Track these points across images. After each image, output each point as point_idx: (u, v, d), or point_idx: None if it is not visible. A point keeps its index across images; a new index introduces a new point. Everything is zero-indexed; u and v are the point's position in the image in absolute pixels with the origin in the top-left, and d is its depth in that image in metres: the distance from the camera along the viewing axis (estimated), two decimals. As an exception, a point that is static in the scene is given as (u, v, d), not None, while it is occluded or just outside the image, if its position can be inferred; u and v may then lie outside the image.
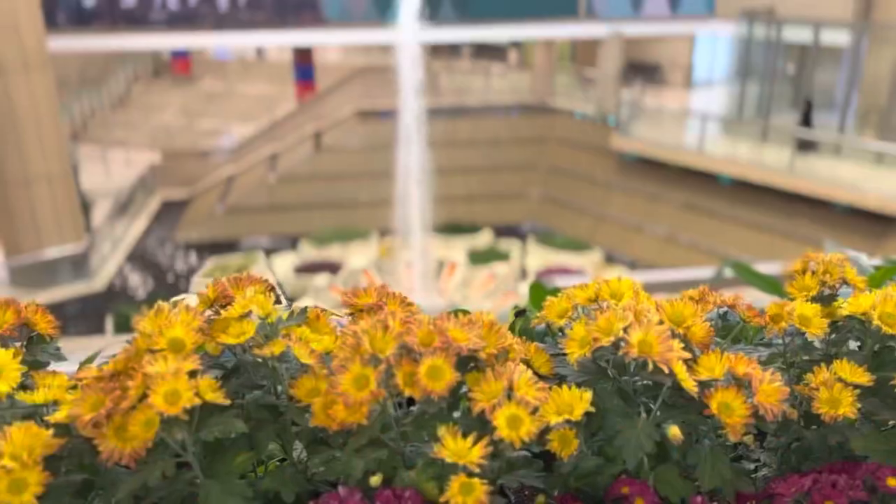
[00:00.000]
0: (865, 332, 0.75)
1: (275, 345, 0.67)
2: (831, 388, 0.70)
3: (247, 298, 0.70)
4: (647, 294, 0.76)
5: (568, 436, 0.66)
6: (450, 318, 0.69)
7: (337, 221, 17.28)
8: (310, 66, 21.99)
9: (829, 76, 17.46)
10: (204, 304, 0.74)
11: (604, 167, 17.55)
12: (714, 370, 0.68)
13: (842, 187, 13.55)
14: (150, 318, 0.68)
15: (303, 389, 0.66)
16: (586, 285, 0.77)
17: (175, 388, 0.61)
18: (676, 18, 18.38)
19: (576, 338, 0.70)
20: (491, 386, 0.65)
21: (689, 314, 0.73)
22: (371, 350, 0.64)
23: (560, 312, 0.78)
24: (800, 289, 0.81)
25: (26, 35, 12.80)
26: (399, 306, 0.75)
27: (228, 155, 20.24)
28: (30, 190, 13.44)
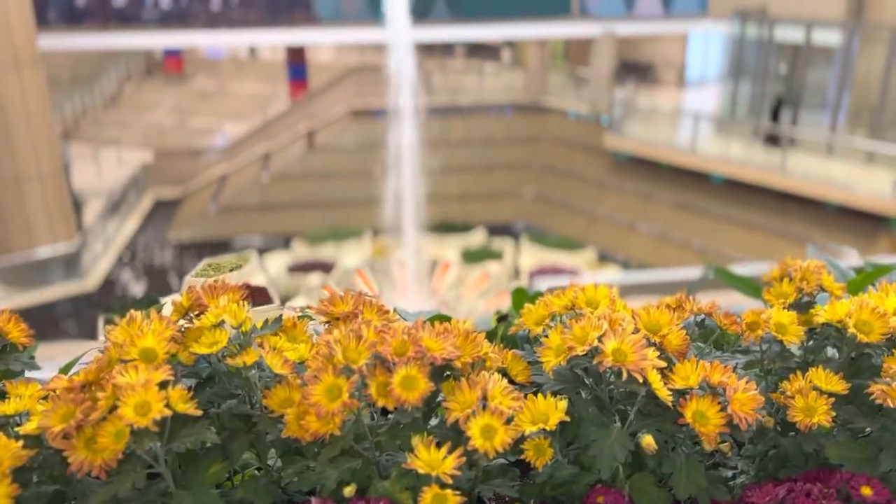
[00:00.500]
0: (842, 340, 0.75)
1: (247, 354, 0.67)
2: (807, 397, 0.70)
3: (220, 307, 0.69)
4: (624, 301, 0.75)
5: (543, 445, 0.66)
6: (425, 327, 0.69)
7: (330, 221, 17.25)
8: (303, 64, 21.93)
9: (822, 75, 17.53)
10: (178, 313, 0.73)
11: (597, 166, 17.57)
12: (689, 379, 0.68)
13: (833, 186, 13.61)
14: (121, 327, 0.67)
15: (276, 400, 0.66)
16: (563, 292, 0.77)
17: (145, 400, 0.60)
18: (669, 18, 18.41)
19: (552, 346, 0.70)
20: (465, 395, 0.65)
21: (665, 322, 0.73)
22: (344, 360, 0.63)
23: (537, 319, 0.78)
24: (777, 296, 0.81)
25: (17, 33, 12.72)
26: (375, 314, 0.75)
27: (221, 154, 20.18)
28: (21, 189, 13.37)
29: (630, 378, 0.66)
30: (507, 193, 18.21)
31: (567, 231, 16.90)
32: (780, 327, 0.74)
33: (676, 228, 15.82)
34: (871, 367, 0.77)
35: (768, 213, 14.88)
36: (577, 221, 17.09)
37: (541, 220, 17.71)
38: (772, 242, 14.55)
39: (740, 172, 14.80)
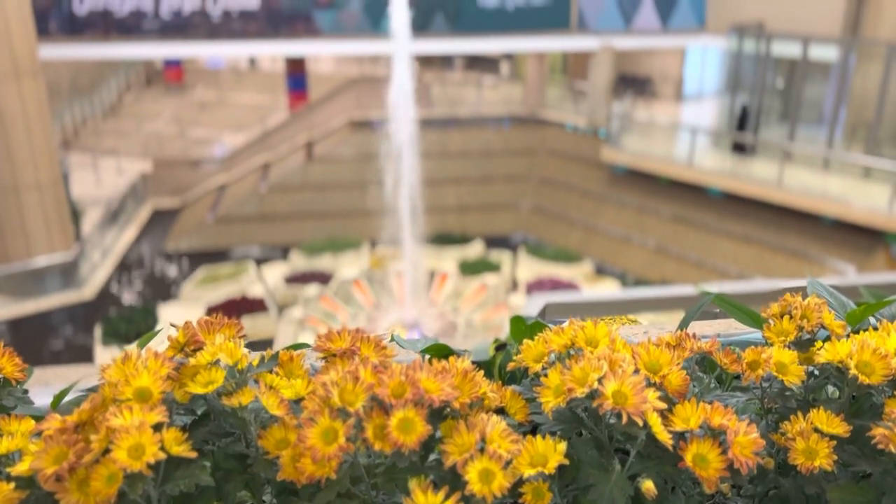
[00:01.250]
0: (843, 380, 0.74)
1: (243, 394, 0.66)
2: (808, 439, 0.69)
3: (216, 346, 0.69)
4: (623, 340, 0.75)
5: (542, 488, 0.65)
6: (423, 367, 0.68)
7: (328, 231, 17.25)
8: (302, 76, 21.99)
9: (818, 90, 17.63)
10: (174, 349, 0.73)
11: (594, 179, 17.61)
12: (689, 421, 0.68)
13: (830, 201, 13.65)
14: (117, 365, 0.66)
15: (271, 440, 0.65)
16: (562, 330, 0.76)
17: (139, 442, 0.60)
18: (667, 33, 18.52)
19: (551, 386, 0.70)
20: (463, 438, 0.64)
21: (665, 362, 0.72)
22: (340, 403, 0.63)
23: (537, 356, 0.77)
24: (777, 333, 0.80)
25: (17, 43, 12.74)
26: (373, 350, 0.74)
27: (220, 164, 20.20)
28: (19, 198, 13.35)
29: (630, 421, 0.65)
30: (505, 205, 18.24)
31: (564, 243, 16.90)
32: (780, 367, 0.74)
33: (673, 241, 15.83)
34: (873, 406, 0.76)
35: (765, 227, 14.91)
36: (575, 234, 17.11)
37: (538, 233, 17.73)
38: (768, 256, 14.57)
39: (737, 186, 14.84)
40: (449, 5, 17.33)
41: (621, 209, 16.85)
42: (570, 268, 15.28)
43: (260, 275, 15.24)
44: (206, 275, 14.72)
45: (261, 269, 15.52)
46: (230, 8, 16.56)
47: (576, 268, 15.36)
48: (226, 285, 14.22)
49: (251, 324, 12.99)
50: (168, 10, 16.37)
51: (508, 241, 17.51)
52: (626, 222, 16.64)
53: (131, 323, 12.45)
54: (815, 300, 0.81)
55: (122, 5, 16.19)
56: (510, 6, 17.52)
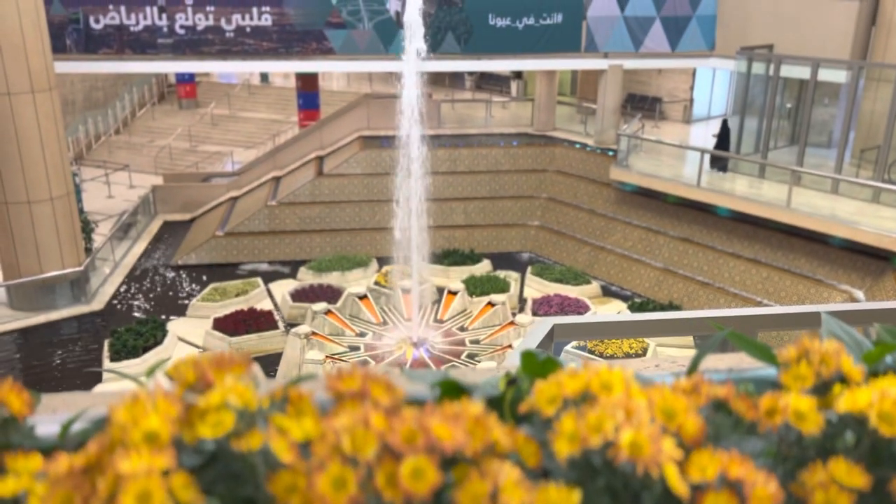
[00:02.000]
0: (863, 430, 0.73)
1: (252, 437, 0.65)
2: (828, 490, 0.68)
3: (226, 388, 0.68)
4: (638, 385, 0.74)
5: (555, 538, 0.64)
6: (434, 412, 0.67)
7: (337, 247, 17.28)
8: (314, 92, 22.17)
9: (827, 112, 17.62)
10: (182, 388, 0.72)
11: (603, 198, 17.61)
12: (706, 470, 0.66)
13: (839, 223, 13.58)
14: (126, 407, 0.66)
15: (280, 485, 0.64)
16: (577, 374, 0.75)
17: (147, 489, 0.59)
18: (677, 55, 18.58)
19: (565, 433, 0.68)
20: (475, 487, 0.63)
21: (680, 409, 0.71)
22: (351, 451, 0.62)
23: (550, 399, 0.76)
24: (795, 378, 0.79)
25: (33, 59, 12.90)
26: (384, 392, 0.73)
27: (230, 179, 20.32)
28: (32, 211, 13.46)
29: (646, 471, 0.64)
30: (513, 223, 18.25)
31: (572, 262, 16.87)
32: (798, 415, 0.72)
33: (681, 262, 15.78)
34: (893, 456, 0.74)
35: (773, 249, 14.84)
36: (582, 252, 17.08)
37: (546, 251, 17.71)
38: (776, 278, 14.49)
39: (746, 207, 14.81)
40: (460, 26, 17.46)
41: (629, 229, 16.82)
42: (577, 287, 15.23)
43: (268, 290, 15.26)
44: (214, 290, 14.76)
45: (269, 284, 15.54)
46: (243, 25, 16.74)
47: (583, 287, 15.31)
48: (234, 300, 14.25)
49: (258, 339, 13.00)
50: (182, 27, 16.56)
51: (516, 259, 17.49)
52: (633, 242, 16.61)
53: (140, 337, 12.46)
54: (834, 345, 0.80)
55: (138, 22, 16.39)
56: (521, 27, 17.64)
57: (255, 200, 18.48)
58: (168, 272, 16.46)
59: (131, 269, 16.22)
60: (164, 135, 25.99)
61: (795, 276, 14.31)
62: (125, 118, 27.34)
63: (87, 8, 16.13)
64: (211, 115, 27.02)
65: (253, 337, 12.96)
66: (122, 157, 24.52)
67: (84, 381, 11.92)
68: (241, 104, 27.90)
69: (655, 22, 17.93)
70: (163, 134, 26.18)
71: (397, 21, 16.58)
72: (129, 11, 16.27)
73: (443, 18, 17.15)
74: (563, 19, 17.72)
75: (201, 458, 0.71)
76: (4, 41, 12.51)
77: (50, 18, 14.15)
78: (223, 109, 27.44)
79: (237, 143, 25.12)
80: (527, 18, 17.55)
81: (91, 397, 1.26)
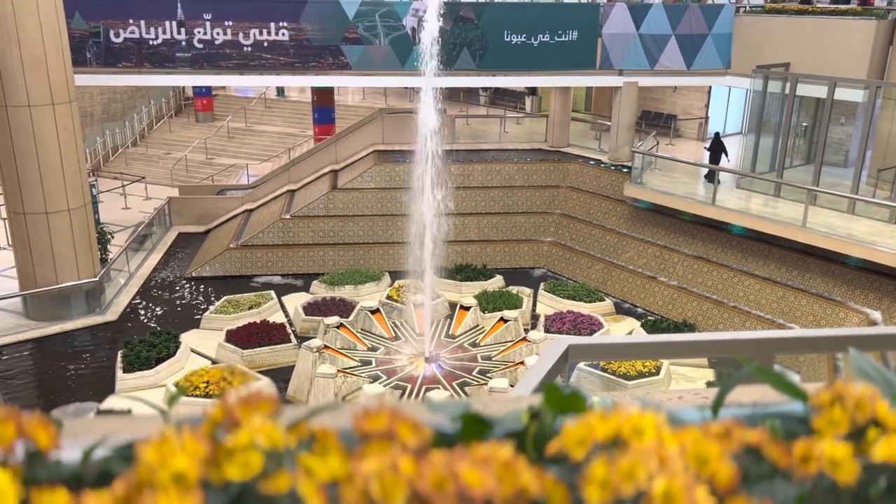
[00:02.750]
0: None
1: (280, 479, 0.65)
2: (864, 543, 0.66)
3: (254, 427, 0.68)
4: (669, 429, 0.72)
5: (585, 589, 0.63)
6: (463, 456, 0.66)
7: (349, 260, 17.32)
8: (329, 107, 22.33)
9: (843, 131, 17.52)
10: (209, 426, 0.72)
11: (616, 215, 17.56)
12: (740, 521, 0.65)
13: (855, 243, 13.46)
14: (154, 446, 0.65)
15: (308, 529, 0.64)
16: (607, 417, 0.74)
17: (175, 532, 0.58)
18: (692, 73, 18.56)
19: (595, 479, 0.67)
20: (505, 535, 0.62)
21: (713, 455, 0.70)
22: (380, 497, 0.61)
23: (579, 441, 0.75)
24: (828, 423, 0.77)
25: (54, 73, 13.09)
26: (411, 432, 0.72)
27: (245, 192, 20.46)
28: (49, 222, 13.60)
29: (679, 521, 0.63)
30: (526, 239, 18.22)
31: (585, 278, 16.80)
32: (834, 463, 0.71)
33: (695, 280, 15.67)
34: (930, 505, 0.73)
35: (789, 268, 14.71)
36: (596, 269, 17.01)
37: (559, 267, 17.65)
38: (791, 297, 14.35)
39: (761, 225, 14.71)
40: (476, 42, 17.56)
41: (643, 246, 16.75)
42: (591, 304, 15.15)
43: (281, 303, 15.30)
44: (227, 302, 14.81)
45: (282, 297, 15.59)
46: (261, 40, 16.91)
47: (596, 304, 15.23)
48: (247, 313, 14.30)
49: (271, 352, 13.02)
50: (200, 41, 16.75)
51: (529, 275, 17.45)
52: (647, 259, 16.52)
53: (153, 348, 12.51)
54: (868, 389, 0.78)
55: (157, 36, 16.61)
56: (536, 43, 17.70)
57: (269, 213, 18.58)
58: (182, 284, 16.55)
59: (146, 281, 16.32)
60: (181, 147, 26.24)
61: (811, 296, 14.17)
62: (142, 130, 27.65)
63: (108, 22, 16.37)
64: (227, 128, 27.27)
65: (265, 350, 12.98)
66: (138, 168, 24.78)
67: (97, 392, 11.97)
68: (256, 118, 28.15)
69: (671, 40, 17.94)
70: (179, 146, 26.44)
71: (413, 37, 16.69)
72: (148, 26, 16.49)
73: (458, 35, 17.25)
74: (578, 36, 17.78)
75: (228, 499, 0.71)
76: (26, 55, 12.70)
77: (71, 32, 14.37)
78: (239, 123, 27.69)
79: (252, 157, 25.32)
80: (542, 35, 17.62)
81: (112, 422, 1.26)
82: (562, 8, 18.20)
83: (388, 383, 11.80)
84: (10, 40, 12.55)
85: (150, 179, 23.41)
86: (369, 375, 12.05)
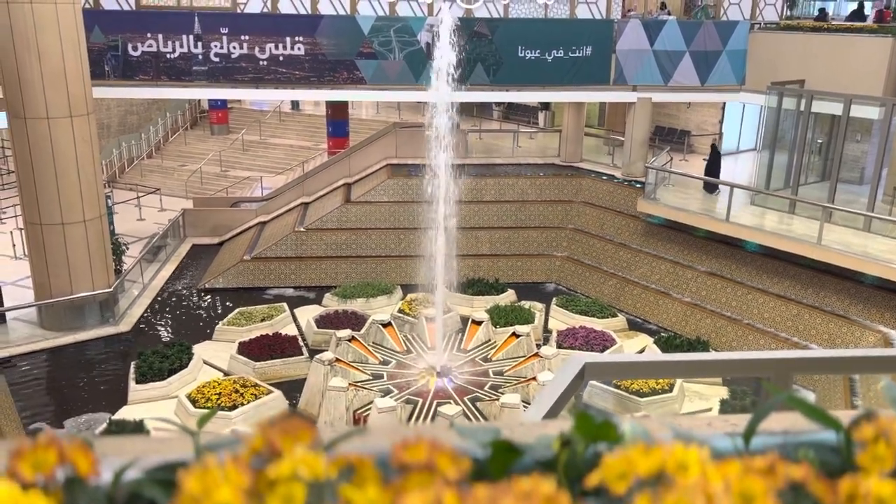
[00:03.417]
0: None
1: (323, 512, 0.64)
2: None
3: (296, 458, 0.67)
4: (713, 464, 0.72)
5: None
6: (506, 491, 0.65)
7: (362, 273, 17.35)
8: (343, 120, 22.46)
9: (859, 150, 17.41)
10: (249, 455, 0.72)
11: (630, 230, 17.51)
12: (788, 561, 0.64)
13: (871, 261, 13.33)
14: (197, 476, 0.65)
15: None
16: (650, 450, 0.73)
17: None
18: (706, 89, 18.54)
19: (639, 515, 0.67)
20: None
21: (759, 493, 0.69)
22: (427, 532, 0.61)
23: (620, 475, 0.74)
24: (873, 459, 0.76)
25: (73, 86, 13.25)
26: (450, 463, 0.72)
27: (259, 204, 20.57)
28: (65, 233, 13.72)
29: (727, 561, 0.62)
30: (539, 253, 18.19)
31: (598, 294, 16.73)
32: (881, 502, 0.70)
33: (709, 296, 15.57)
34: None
35: (804, 286, 14.59)
36: (609, 284, 16.94)
37: (571, 282, 17.60)
38: (806, 315, 14.21)
39: (775, 242, 14.62)
40: (490, 57, 17.63)
41: (656, 261, 16.67)
42: (603, 320, 15.08)
43: (293, 315, 15.33)
44: (240, 314, 14.86)
45: (294, 309, 15.62)
46: (277, 54, 17.06)
47: (609, 320, 15.15)
48: (259, 325, 14.33)
49: (282, 364, 13.03)
50: (216, 55, 16.92)
51: (541, 290, 17.40)
52: (661, 275, 16.44)
53: (166, 359, 12.55)
54: (914, 426, 0.77)
55: (174, 50, 16.79)
56: (550, 59, 17.75)
57: (282, 226, 18.66)
58: (195, 295, 16.62)
59: (159, 292, 16.41)
60: (196, 159, 26.45)
61: (826, 314, 14.04)
62: (158, 142, 27.90)
63: (127, 36, 16.58)
64: (242, 140, 27.47)
65: (277, 362, 12.99)
66: (153, 180, 24.98)
67: (109, 402, 12.02)
68: (271, 131, 28.35)
69: (685, 56, 17.94)
70: (194, 158, 26.65)
71: (427, 52, 16.79)
72: (166, 39, 16.69)
73: (472, 50, 17.34)
74: (592, 52, 17.81)
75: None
76: (46, 68, 12.88)
77: (90, 45, 14.56)
78: (254, 135, 27.90)
79: (267, 169, 25.47)
80: (556, 51, 17.67)
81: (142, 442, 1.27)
82: (576, 24, 18.24)
83: (400, 397, 11.77)
84: (30, 53, 12.74)
85: (165, 191, 23.59)
86: (380, 389, 12.02)
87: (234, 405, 11.39)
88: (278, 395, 11.94)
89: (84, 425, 11.27)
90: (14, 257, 17.69)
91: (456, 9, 17.47)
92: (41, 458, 0.72)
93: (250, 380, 12.15)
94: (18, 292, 15.24)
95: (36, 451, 0.72)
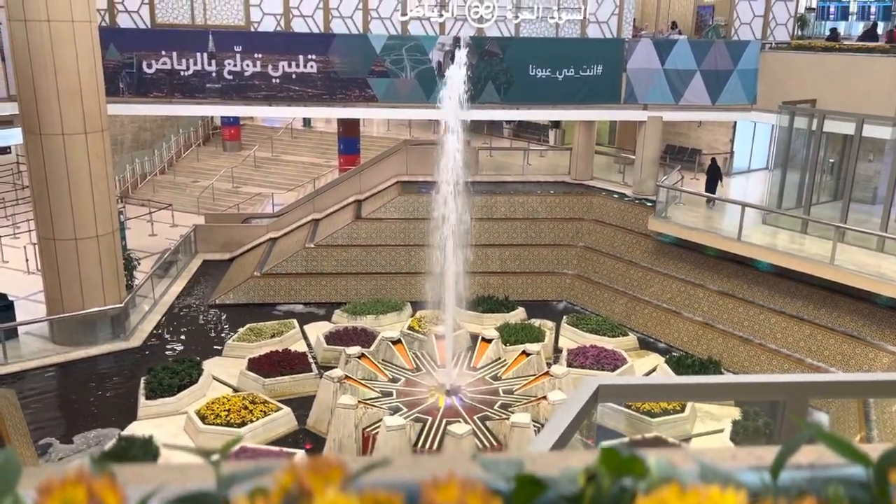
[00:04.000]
0: None
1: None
2: None
3: (328, 500, 0.67)
4: None
5: None
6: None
7: (372, 290, 17.35)
8: (355, 138, 22.59)
9: (872, 169, 17.32)
10: (279, 494, 0.71)
11: (640, 249, 17.45)
12: None
13: (885, 281, 13.21)
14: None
15: None
16: (685, 493, 0.72)
17: None
18: (717, 108, 18.55)
19: (675, 561, 0.65)
20: None
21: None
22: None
23: (651, 516, 0.73)
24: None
25: (88, 102, 13.40)
26: (480, 501, 0.71)
27: (270, 220, 20.66)
28: (78, 248, 13.81)
29: None
30: (549, 271, 18.15)
31: (608, 312, 16.65)
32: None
33: (721, 316, 15.46)
34: None
35: (817, 306, 14.47)
36: (619, 303, 16.86)
37: (582, 300, 17.53)
38: (819, 336, 14.08)
39: (788, 261, 14.52)
40: (501, 76, 17.72)
41: (667, 280, 16.59)
42: (614, 339, 14.98)
43: (303, 332, 15.33)
44: (250, 330, 14.87)
45: (304, 326, 15.62)
46: (289, 72, 17.21)
47: (619, 339, 15.06)
48: (269, 341, 14.34)
49: (292, 381, 13.01)
50: (230, 73, 17.09)
51: (551, 308, 17.33)
52: (672, 294, 16.36)
53: (175, 375, 12.56)
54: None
55: (188, 68, 16.98)
56: (561, 77, 17.82)
57: (293, 242, 18.72)
58: (206, 311, 16.66)
59: (170, 307, 16.47)
60: (208, 176, 26.64)
61: (839, 335, 13.91)
62: (171, 159, 28.14)
63: (141, 53, 16.79)
64: (254, 157, 27.66)
65: (286, 379, 12.98)
66: (165, 196, 25.16)
67: (119, 417, 12.02)
68: (283, 147, 28.55)
69: (696, 75, 17.97)
70: (206, 175, 26.84)
71: (439, 71, 16.90)
72: (180, 57, 16.88)
73: (483, 69, 17.44)
74: (602, 71, 17.87)
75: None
76: (62, 85, 13.04)
77: (105, 63, 14.74)
78: (265, 152, 28.09)
79: (278, 186, 25.61)
80: (567, 70, 17.75)
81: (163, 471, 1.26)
82: (587, 43, 18.33)
83: (409, 415, 11.71)
84: (46, 71, 12.90)
85: (177, 207, 23.75)
86: (390, 407, 11.97)
87: (243, 422, 11.37)
88: (287, 412, 11.91)
89: (93, 441, 11.27)
90: (27, 272, 17.81)
91: (468, 28, 17.60)
92: (70, 495, 0.72)
93: (259, 396, 12.13)
94: (31, 307, 15.33)
95: (65, 488, 0.72)
